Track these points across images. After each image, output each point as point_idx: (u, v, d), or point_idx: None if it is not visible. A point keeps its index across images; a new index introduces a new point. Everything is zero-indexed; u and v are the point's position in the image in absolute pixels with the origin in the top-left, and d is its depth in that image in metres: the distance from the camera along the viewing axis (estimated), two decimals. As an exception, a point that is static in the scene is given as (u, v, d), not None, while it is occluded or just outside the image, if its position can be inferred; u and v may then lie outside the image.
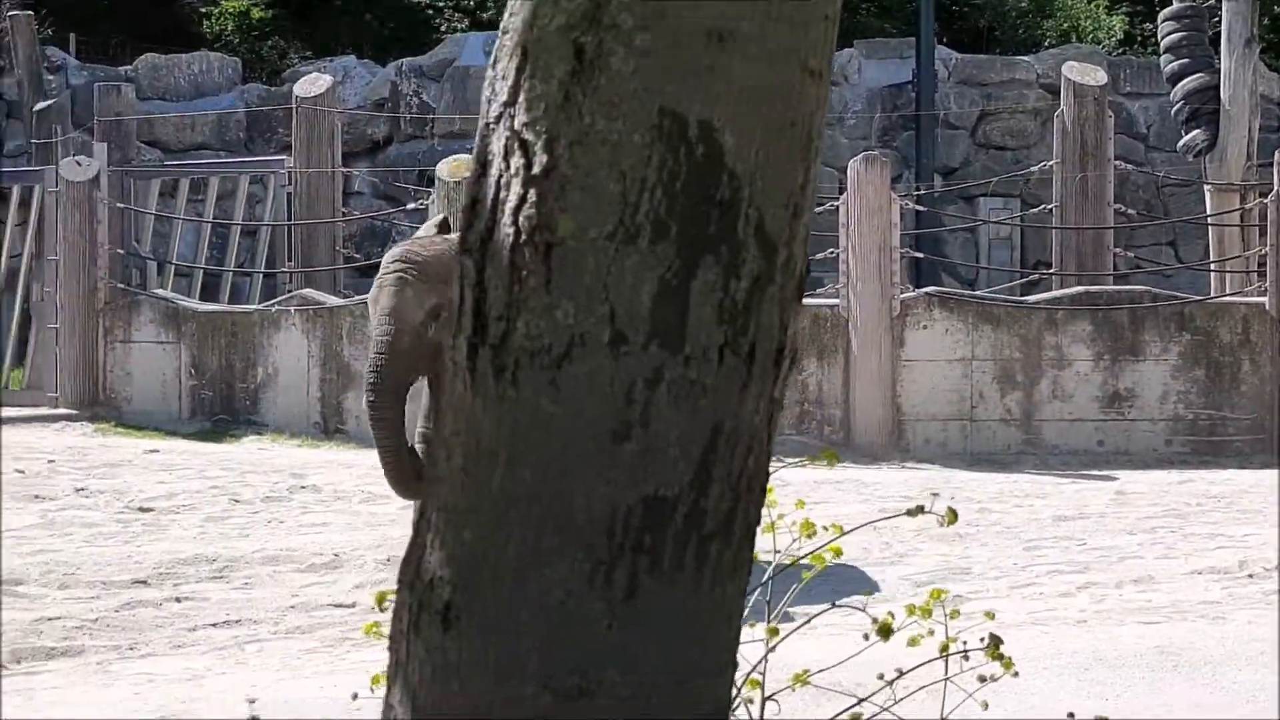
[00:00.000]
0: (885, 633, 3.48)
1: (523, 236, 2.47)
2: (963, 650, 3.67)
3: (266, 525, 9.70)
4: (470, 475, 2.52)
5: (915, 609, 3.72)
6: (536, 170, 2.46)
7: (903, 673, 3.72)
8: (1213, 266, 15.69)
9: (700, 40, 2.42)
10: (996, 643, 3.58)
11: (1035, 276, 16.61)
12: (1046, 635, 7.12)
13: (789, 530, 3.65)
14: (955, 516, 3.59)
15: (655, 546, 2.49)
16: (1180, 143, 16.12)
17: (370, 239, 18.19)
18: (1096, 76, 15.08)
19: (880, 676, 3.72)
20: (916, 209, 15.79)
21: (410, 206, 14.57)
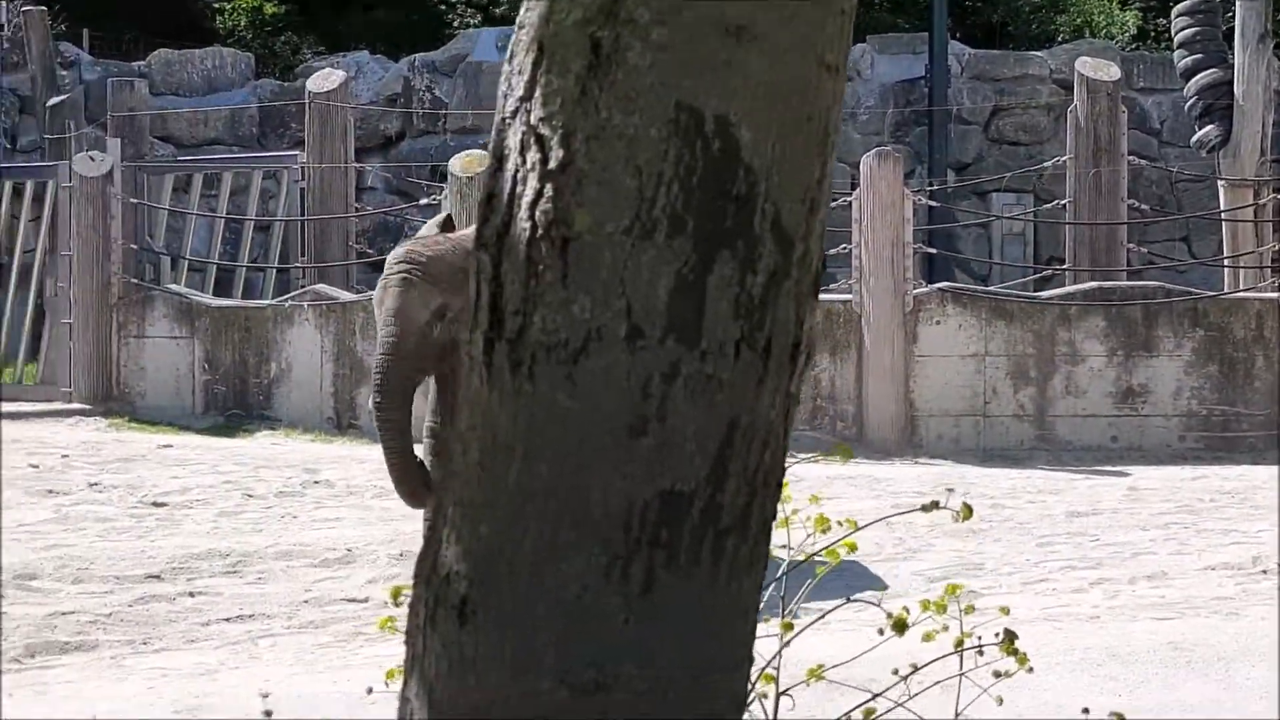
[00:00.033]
0: (900, 628, 3.48)
1: (539, 231, 2.46)
2: (978, 645, 3.67)
3: (280, 520, 9.71)
4: (486, 470, 2.52)
5: (930, 604, 3.71)
6: (553, 165, 2.46)
7: (917, 668, 3.72)
8: (1226, 262, 15.66)
9: (717, 35, 2.42)
10: (1011, 638, 3.58)
11: (1048, 272, 16.59)
12: (1059, 631, 7.11)
13: (803, 525, 3.65)
14: (970, 512, 3.59)
15: (672, 541, 2.49)
16: (1194, 138, 16.10)
17: (383, 234, 18.20)
18: (1110, 72, 15.06)
19: (895, 672, 3.72)
20: (929, 204, 15.78)
21: (423, 202, 14.58)
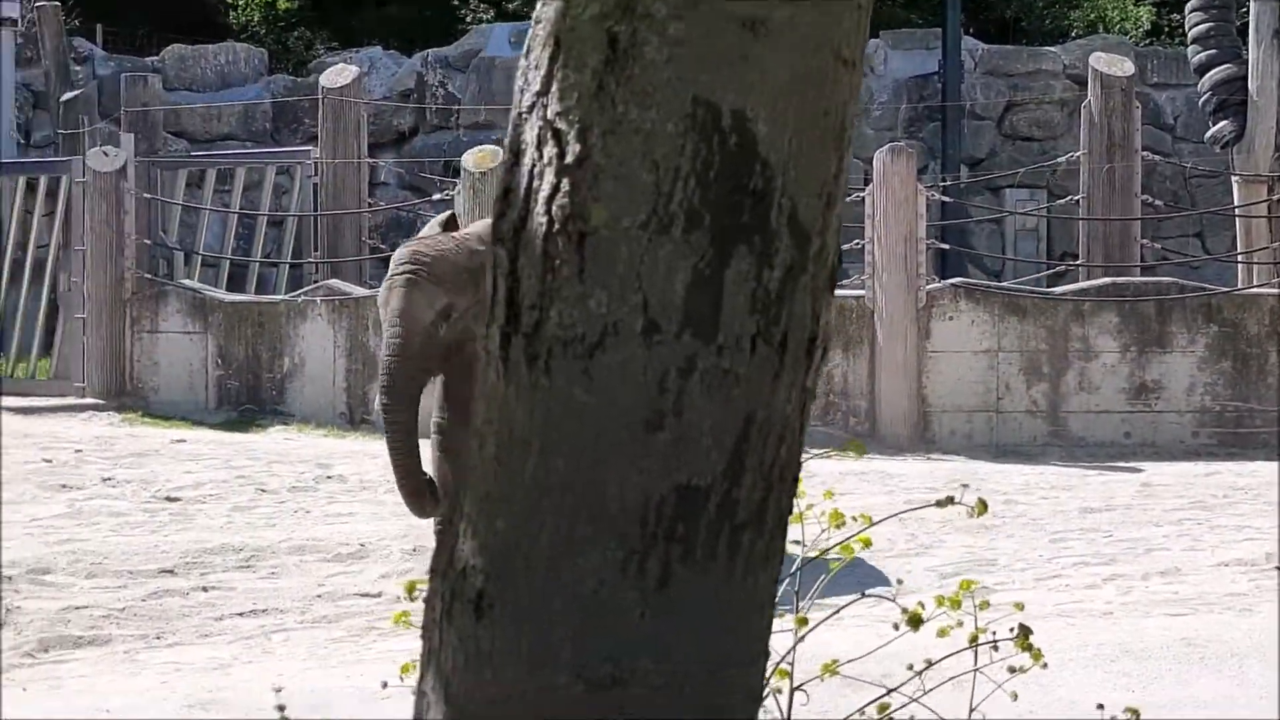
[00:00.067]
0: (915, 623, 3.48)
1: (556, 226, 2.47)
2: (992, 641, 3.67)
3: (293, 515, 9.72)
4: (503, 464, 2.53)
5: (944, 600, 3.71)
6: (570, 160, 2.46)
7: (931, 663, 3.72)
8: (1240, 258, 15.64)
9: (734, 29, 2.42)
10: (1026, 633, 3.58)
11: (1062, 268, 16.57)
12: (1073, 627, 7.12)
13: (817, 521, 3.65)
14: (985, 507, 3.59)
15: (688, 536, 2.49)
16: (1207, 134, 16.08)
17: (396, 229, 18.21)
18: (1124, 67, 15.04)
19: (909, 667, 3.72)
20: (942, 200, 15.77)
21: (436, 197, 14.59)
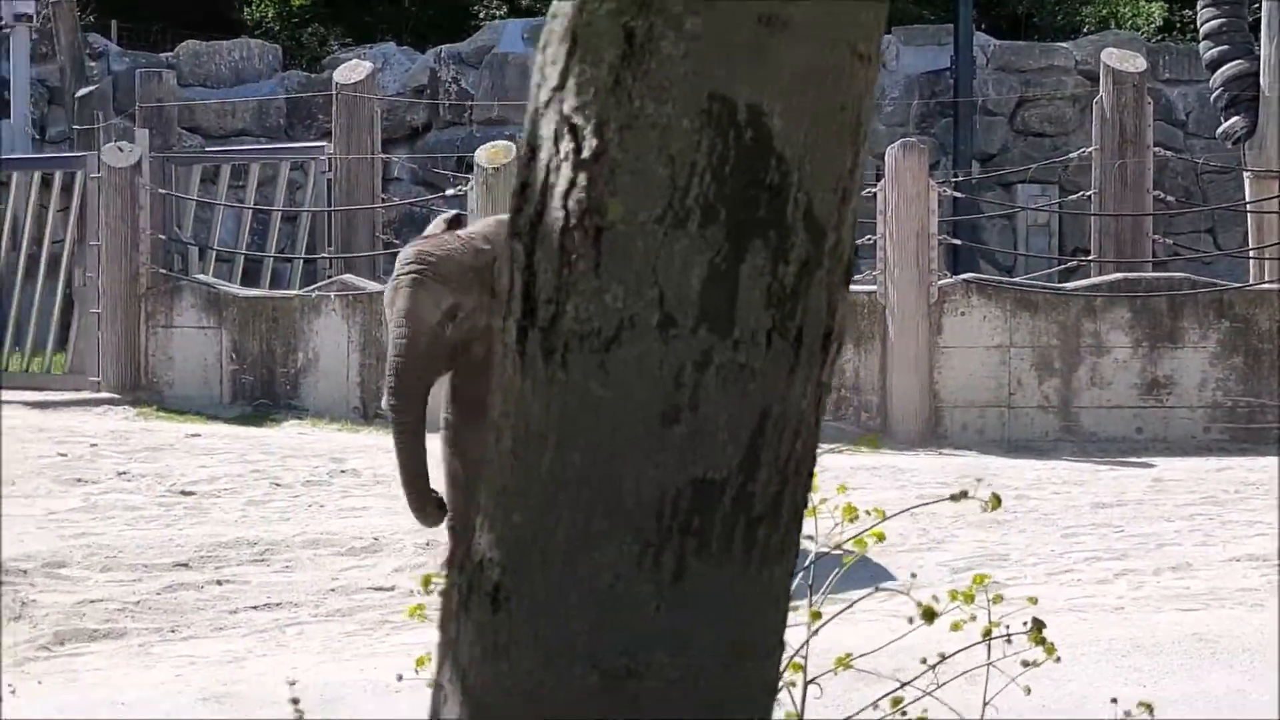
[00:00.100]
0: (930, 617, 3.49)
1: (572, 220, 2.48)
2: (1006, 635, 3.68)
3: (307, 509, 9.74)
4: (519, 458, 2.54)
5: (958, 594, 3.72)
6: (586, 154, 2.47)
7: (945, 657, 3.73)
8: (1251, 253, 15.63)
9: (750, 24, 2.43)
10: (1040, 627, 3.59)
11: (1073, 263, 16.57)
12: (1084, 622, 7.13)
13: (830, 515, 3.66)
14: (999, 502, 3.60)
15: (703, 529, 2.50)
16: (1219, 129, 16.06)
17: (409, 225, 18.21)
18: (1136, 63, 15.03)
19: (923, 661, 3.73)
20: (954, 196, 15.76)
21: (449, 193, 14.59)
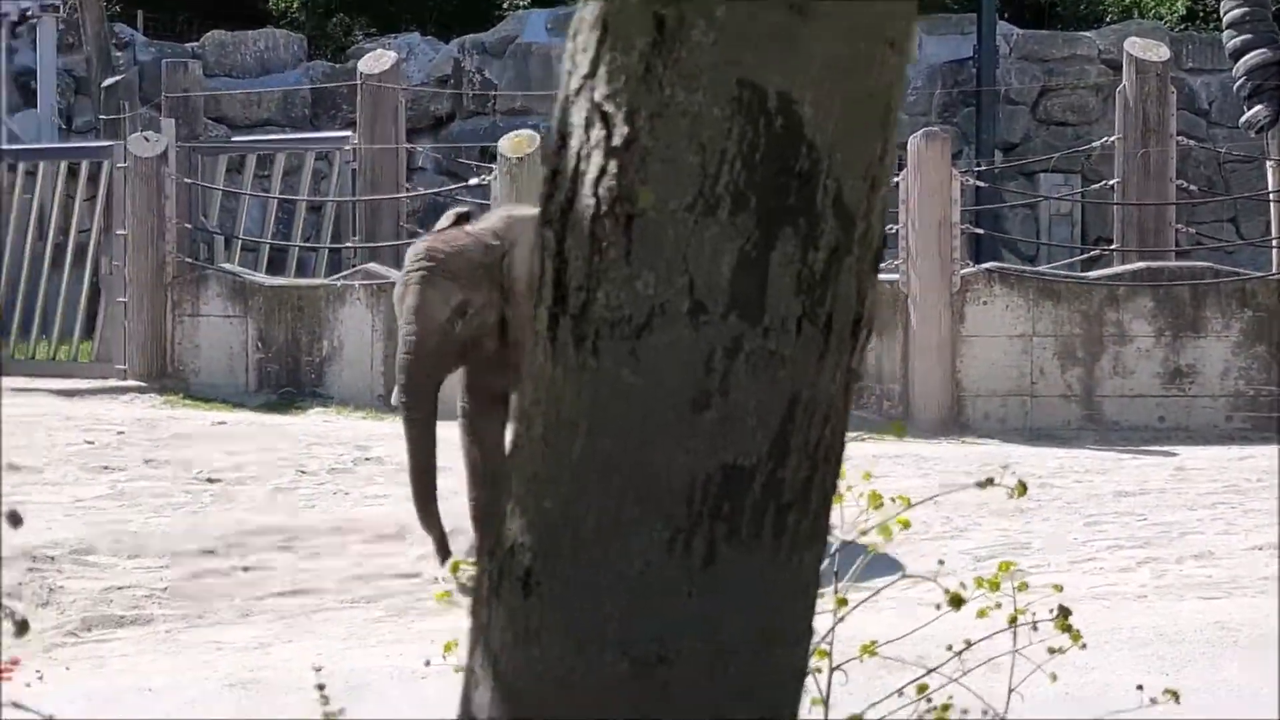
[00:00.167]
0: (957, 603, 3.51)
1: (603, 208, 2.49)
2: (1032, 622, 3.69)
3: (332, 496, 9.75)
4: (550, 444, 2.55)
5: (983, 581, 3.74)
6: (617, 142, 2.48)
7: (970, 644, 3.74)
8: (1274, 242, 15.60)
9: (780, 12, 2.43)
10: (1066, 614, 3.60)
11: (1096, 253, 16.54)
12: (1107, 610, 7.14)
13: (855, 503, 3.67)
14: (1024, 489, 3.61)
15: (734, 515, 2.51)
16: (1242, 119, 16.03)
17: (433, 215, 18.15)
18: (1159, 52, 14.99)
19: (949, 648, 3.74)
20: (977, 185, 15.74)
21: (473, 182, 14.60)
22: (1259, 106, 15.62)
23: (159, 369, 13.95)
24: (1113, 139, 15.07)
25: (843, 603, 3.66)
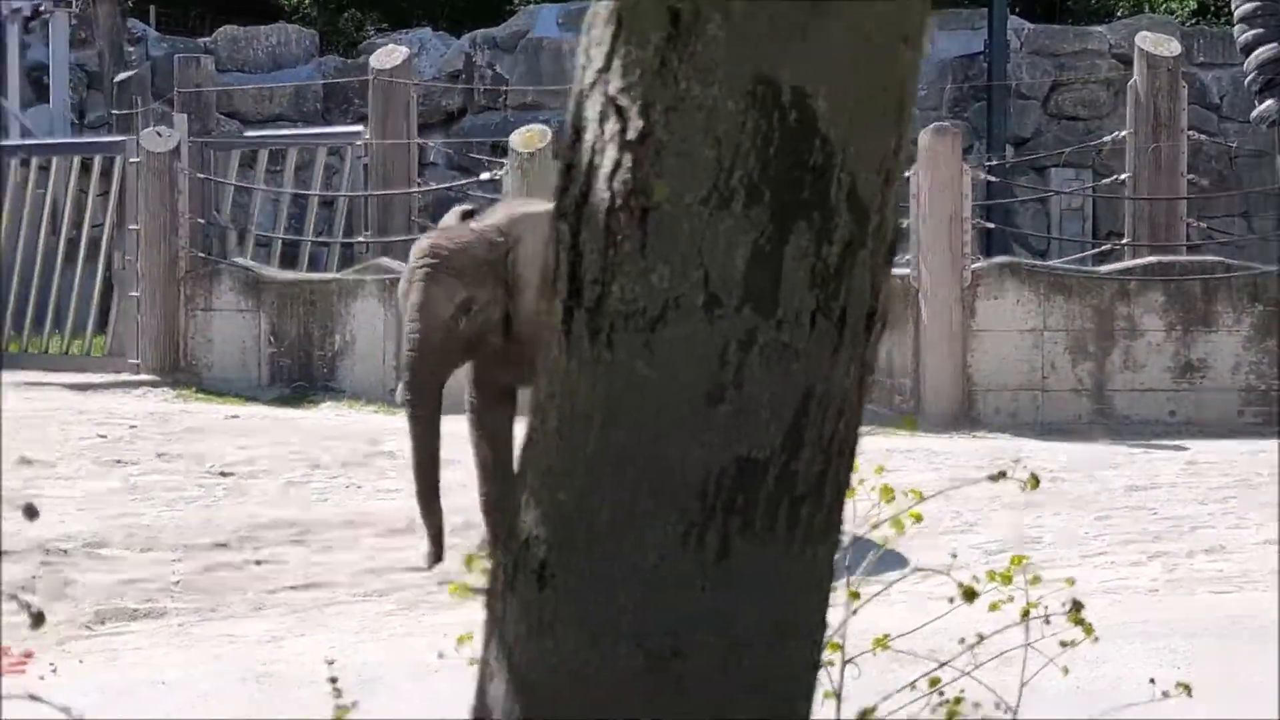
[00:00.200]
0: (970, 596, 3.51)
1: (618, 201, 2.50)
2: (1044, 615, 3.70)
3: (344, 490, 9.76)
4: (565, 437, 2.56)
5: (996, 575, 3.74)
6: (632, 136, 2.49)
7: (983, 638, 3.75)
8: (1286, 237, 15.59)
9: (795, 6, 2.44)
10: (1078, 608, 3.61)
11: (1107, 247, 16.52)
12: (1118, 604, 7.14)
13: (866, 497, 3.68)
14: (1037, 482, 3.62)
15: (747, 508, 2.52)
16: (1253, 113, 15.99)
17: (445, 209, 18.16)
18: (1170, 47, 14.98)
19: (960, 641, 3.75)
20: (987, 180, 15.73)
21: (484, 177, 14.60)
22: (1270, 101, 15.59)
23: (172, 363, 13.96)
24: (1124, 134, 15.05)
25: (855, 596, 3.66)
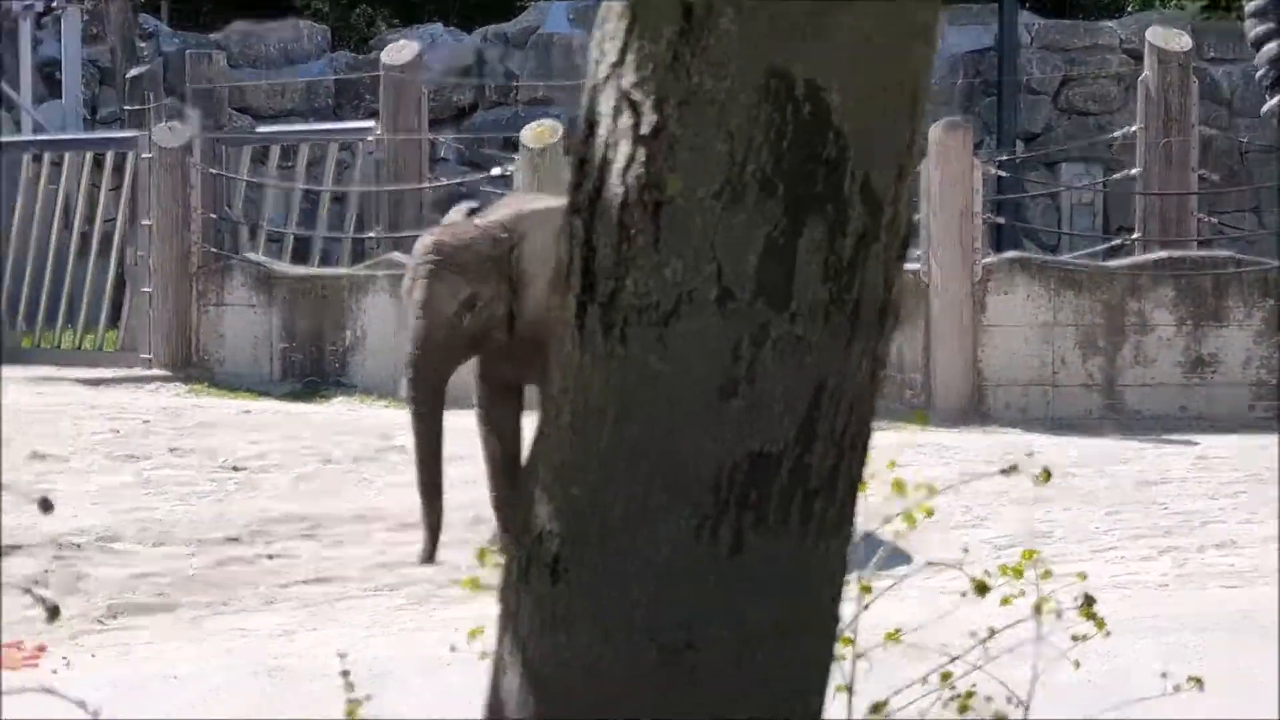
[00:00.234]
0: (982, 591, 3.51)
1: (631, 196, 2.50)
2: (1056, 610, 3.70)
3: (356, 485, 9.76)
4: (578, 432, 2.56)
5: (1007, 569, 3.74)
6: (645, 130, 2.49)
7: (994, 632, 3.75)
8: (1297, 232, 15.58)
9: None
10: (1090, 602, 3.61)
11: (1118, 242, 16.51)
12: (1128, 599, 7.14)
13: (877, 490, 3.67)
14: (1049, 476, 3.62)
15: (760, 502, 2.53)
16: (1264, 108, 15.97)
17: (456, 205, 18.20)
18: (1181, 42, 14.96)
19: (971, 635, 3.75)
20: (998, 175, 15.72)
21: (495, 172, 14.60)
22: (1281, 96, 15.58)
23: (184, 358, 13.97)
24: (1134, 128, 15.03)
25: (867, 590, 3.67)
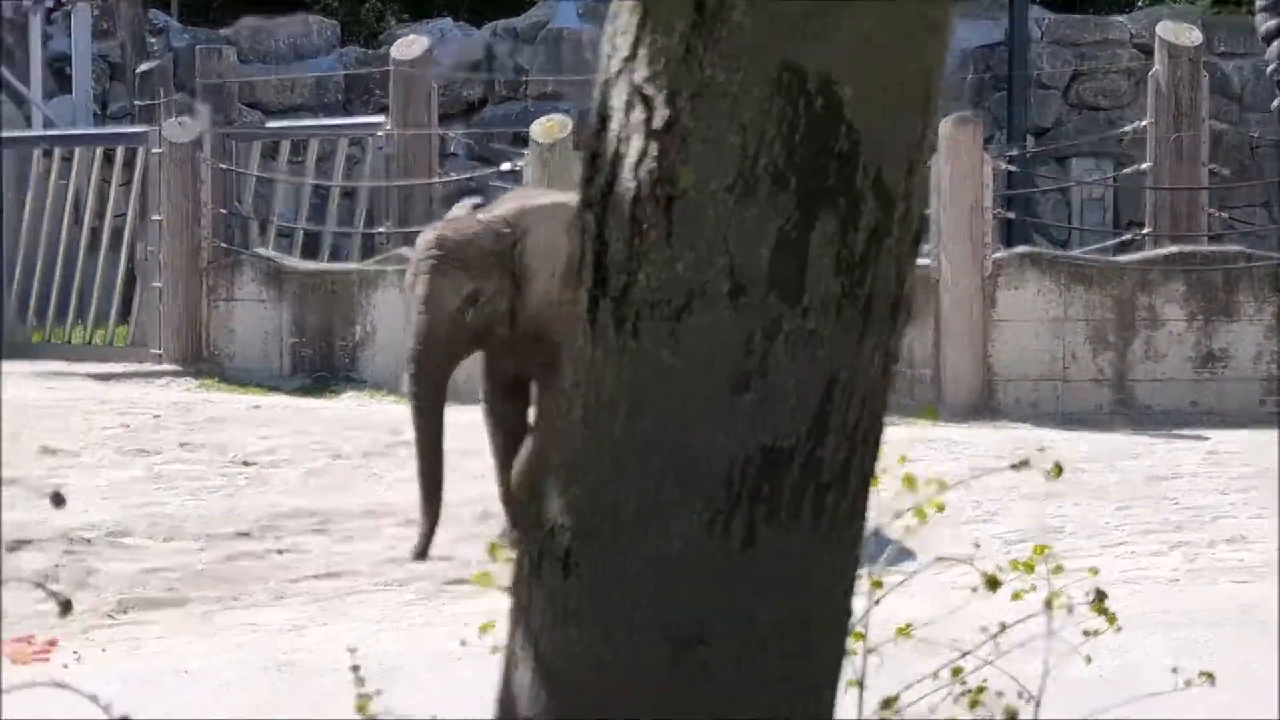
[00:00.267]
0: (993, 585, 3.51)
1: (644, 190, 2.50)
2: (1067, 605, 3.70)
3: (366, 480, 9.77)
4: (590, 426, 2.56)
5: (1019, 564, 3.74)
6: (657, 124, 2.49)
7: (1005, 627, 3.75)
8: (1308, 227, 15.56)
9: (820, -7, 2.45)
10: (1102, 597, 3.60)
11: (1128, 237, 16.50)
12: (1139, 594, 7.14)
13: (888, 485, 3.67)
14: (1060, 471, 3.62)
15: (773, 496, 2.52)
16: (1275, 103, 15.96)
17: (461, 200, 18.20)
18: (1191, 36, 14.93)
19: (982, 630, 3.75)
20: (1008, 170, 15.71)
21: (505, 167, 14.61)
22: (1292, 90, 15.56)
23: (194, 353, 13.99)
24: (1144, 123, 15.01)
25: (878, 585, 3.67)
